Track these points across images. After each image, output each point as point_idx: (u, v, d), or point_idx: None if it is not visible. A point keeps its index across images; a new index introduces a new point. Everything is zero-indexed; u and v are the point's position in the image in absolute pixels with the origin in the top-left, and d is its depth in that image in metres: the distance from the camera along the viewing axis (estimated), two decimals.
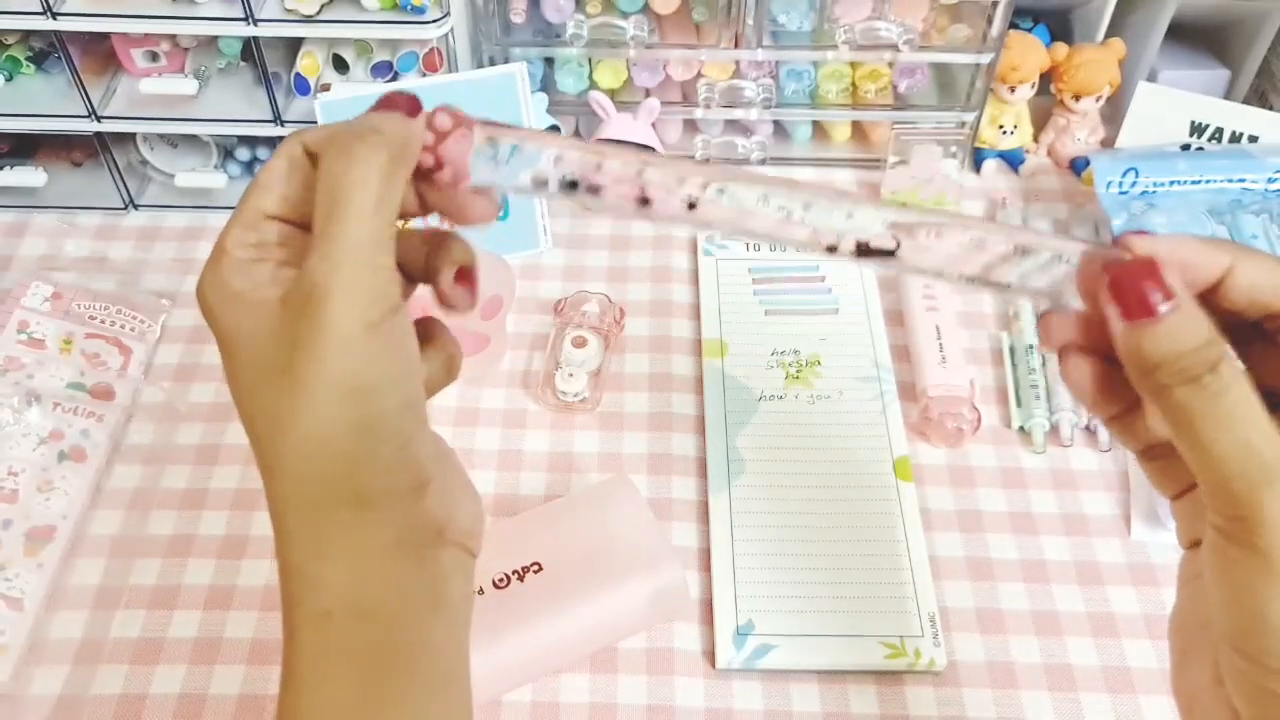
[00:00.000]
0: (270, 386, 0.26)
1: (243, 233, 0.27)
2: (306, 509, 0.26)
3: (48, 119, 0.60)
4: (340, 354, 0.25)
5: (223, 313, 0.27)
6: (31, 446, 0.51)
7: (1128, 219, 0.59)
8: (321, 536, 0.26)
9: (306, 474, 0.26)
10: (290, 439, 0.25)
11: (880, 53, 0.62)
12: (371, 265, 0.25)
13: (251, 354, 0.26)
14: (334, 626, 0.26)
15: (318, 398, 0.25)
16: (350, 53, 0.60)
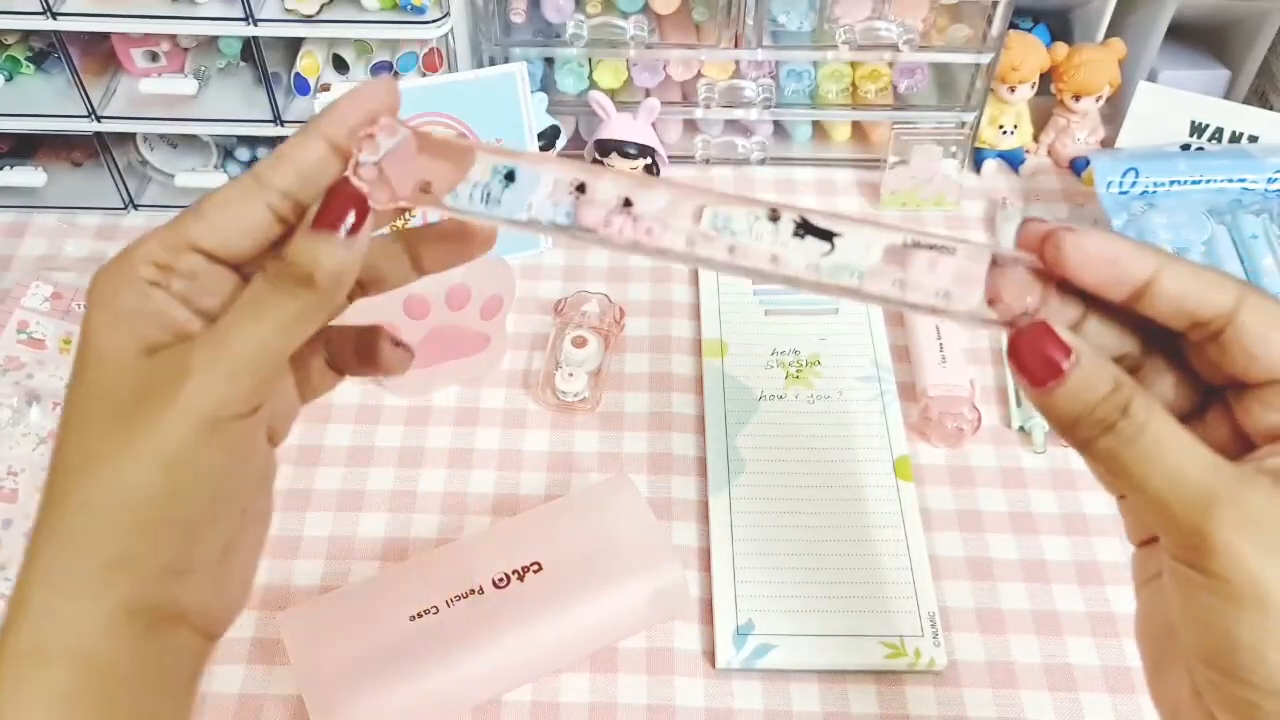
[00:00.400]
0: (102, 421, 0.25)
1: (159, 250, 0.26)
2: (66, 546, 0.25)
3: (48, 119, 0.60)
4: (174, 437, 0.25)
5: (99, 319, 0.26)
6: (31, 446, 0.51)
7: (1128, 219, 0.59)
8: (65, 575, 0.25)
9: (85, 515, 0.25)
10: (93, 477, 0.25)
11: (880, 53, 0.62)
12: (248, 376, 0.25)
13: (103, 378, 0.25)
14: (49, 669, 0.25)
15: (138, 461, 0.25)
16: (350, 53, 0.60)
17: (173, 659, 0.27)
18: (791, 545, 0.49)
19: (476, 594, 0.43)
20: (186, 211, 0.26)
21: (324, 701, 0.41)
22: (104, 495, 0.25)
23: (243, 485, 0.27)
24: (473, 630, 0.42)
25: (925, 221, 0.65)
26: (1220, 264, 0.57)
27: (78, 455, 0.25)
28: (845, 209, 0.65)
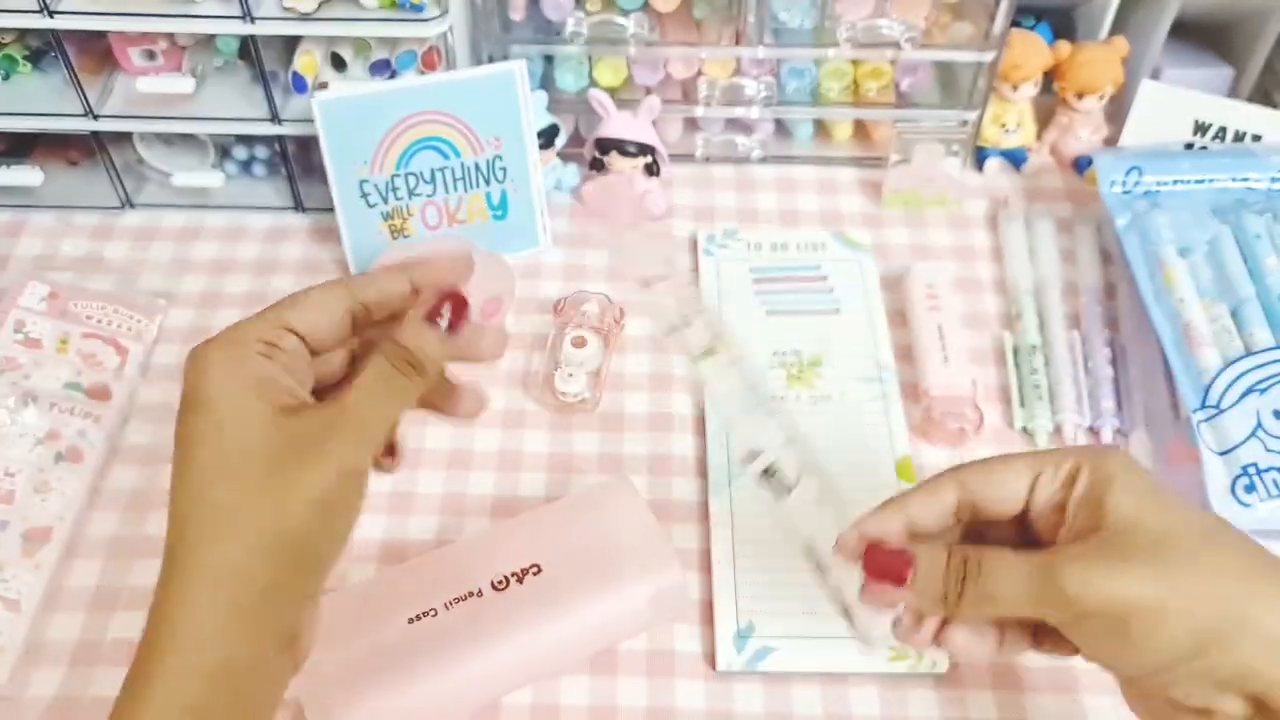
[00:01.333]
0: (255, 471, 0.30)
1: (267, 330, 0.33)
2: (229, 578, 0.30)
3: (44, 118, 0.60)
4: (324, 485, 0.30)
5: (229, 386, 0.31)
6: (28, 447, 0.51)
7: (1131, 218, 0.59)
8: (229, 602, 0.30)
9: (245, 550, 0.30)
10: (251, 518, 0.30)
11: (882, 51, 0.62)
12: (376, 439, 0.32)
13: (246, 435, 0.30)
14: (188, 680, 0.29)
15: (296, 504, 0.30)
16: (348, 51, 0.59)
17: (283, 677, 0.32)
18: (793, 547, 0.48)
19: (476, 596, 0.43)
20: (284, 302, 0.34)
21: (322, 705, 0.40)
22: (262, 533, 0.30)
23: (354, 524, 0.32)
24: (472, 633, 0.42)
25: (927, 220, 0.64)
26: (1224, 263, 0.57)
27: (230, 499, 0.30)
28: (847, 208, 0.65)
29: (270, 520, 0.30)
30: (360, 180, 0.58)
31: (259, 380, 0.31)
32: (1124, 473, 0.32)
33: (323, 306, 0.33)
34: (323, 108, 0.56)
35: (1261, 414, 0.50)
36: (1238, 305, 0.55)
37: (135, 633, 0.46)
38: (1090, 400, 0.54)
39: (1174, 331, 0.53)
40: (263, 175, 0.65)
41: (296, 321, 0.33)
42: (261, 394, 0.31)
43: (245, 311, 0.58)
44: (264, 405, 0.31)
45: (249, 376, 0.31)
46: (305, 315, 0.33)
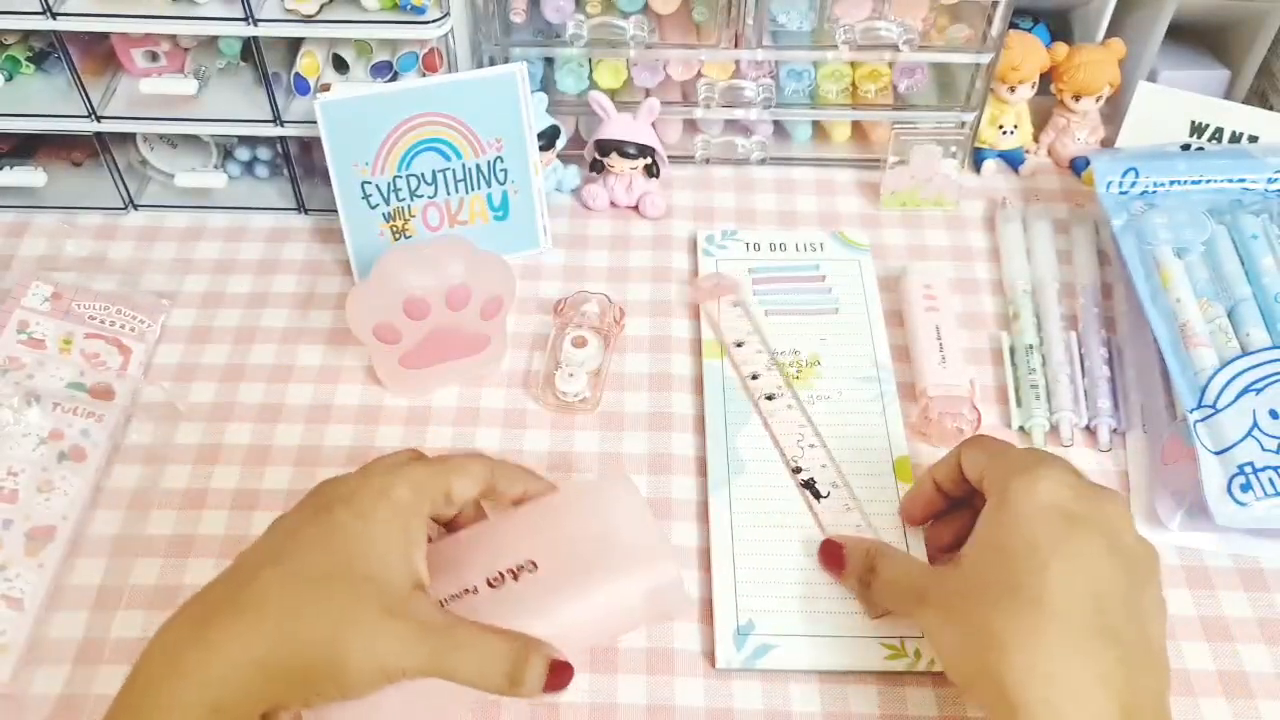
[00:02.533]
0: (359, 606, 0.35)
1: (442, 488, 0.40)
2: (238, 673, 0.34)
3: (47, 119, 0.60)
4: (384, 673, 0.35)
5: (403, 528, 0.38)
6: (31, 446, 0.51)
7: (1128, 219, 0.59)
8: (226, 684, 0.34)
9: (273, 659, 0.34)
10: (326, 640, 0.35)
11: (880, 52, 0.62)
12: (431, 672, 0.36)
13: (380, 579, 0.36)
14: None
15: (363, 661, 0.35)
16: (350, 53, 0.60)
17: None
18: (792, 545, 0.49)
19: (471, 594, 0.42)
20: (453, 466, 0.41)
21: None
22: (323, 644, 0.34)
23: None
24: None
25: (925, 221, 0.65)
26: (1220, 264, 0.57)
27: (320, 592, 0.35)
28: (845, 209, 0.65)
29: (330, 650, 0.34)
30: (362, 181, 0.58)
31: (414, 543, 0.37)
32: (998, 511, 0.40)
33: (476, 481, 0.41)
34: (325, 109, 0.56)
35: (1257, 413, 0.50)
36: (1234, 305, 0.55)
37: (138, 631, 0.47)
38: (1087, 400, 0.55)
39: (1170, 331, 0.54)
40: (265, 176, 0.65)
41: (456, 489, 0.40)
42: (410, 558, 0.37)
43: (247, 312, 0.60)
44: (408, 575, 0.37)
45: (411, 533, 0.37)
46: (463, 485, 0.40)
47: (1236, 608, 0.48)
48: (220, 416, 0.55)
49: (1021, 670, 0.35)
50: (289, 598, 0.34)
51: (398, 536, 0.36)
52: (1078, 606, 0.37)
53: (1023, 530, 0.39)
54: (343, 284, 0.61)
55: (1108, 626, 0.37)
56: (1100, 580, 0.38)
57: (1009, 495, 0.40)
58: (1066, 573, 0.37)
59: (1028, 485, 0.40)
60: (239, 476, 0.52)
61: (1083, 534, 0.39)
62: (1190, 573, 0.49)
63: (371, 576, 0.35)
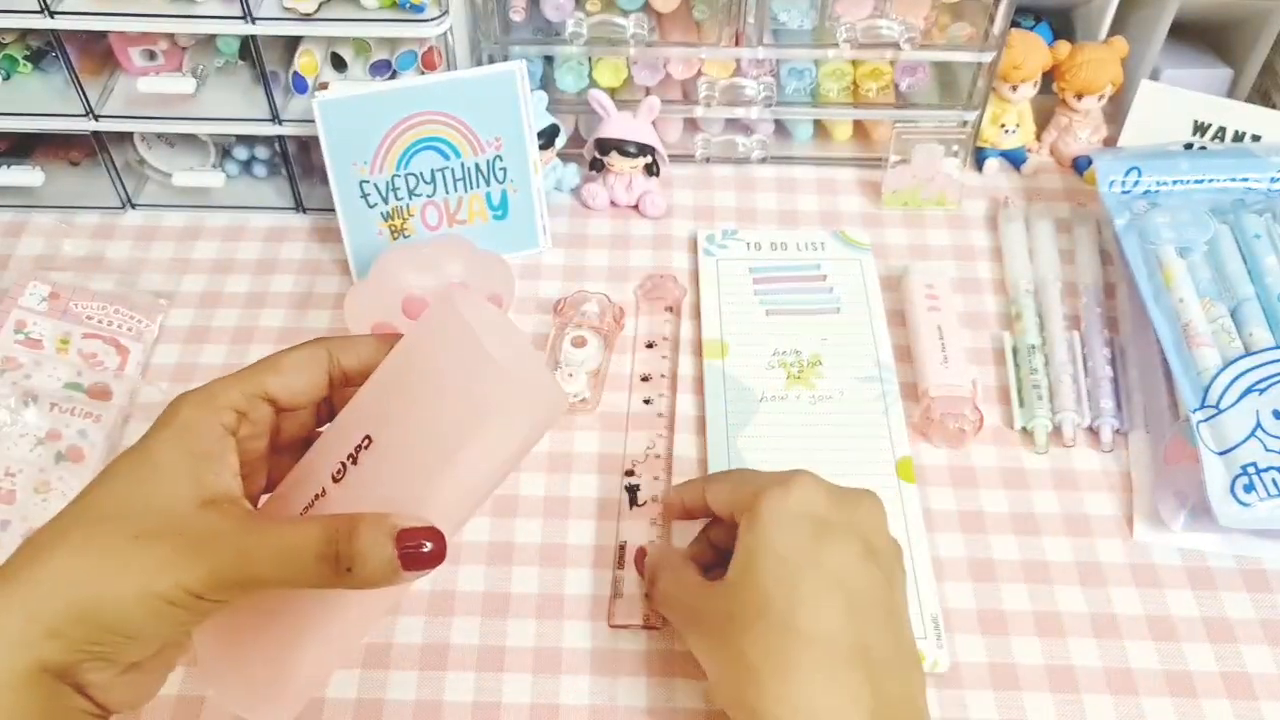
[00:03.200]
0: (125, 527, 0.30)
1: (242, 400, 0.33)
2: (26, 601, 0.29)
3: (45, 118, 0.60)
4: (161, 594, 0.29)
5: (179, 446, 0.31)
6: (29, 447, 0.51)
7: (1130, 218, 0.59)
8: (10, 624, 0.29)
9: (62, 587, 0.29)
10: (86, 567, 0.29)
11: (882, 51, 0.62)
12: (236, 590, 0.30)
13: (154, 496, 0.31)
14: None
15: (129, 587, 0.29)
16: (348, 51, 0.60)
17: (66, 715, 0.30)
18: None
19: (320, 497, 0.35)
20: (264, 365, 0.33)
21: (238, 697, 0.35)
22: (85, 583, 0.29)
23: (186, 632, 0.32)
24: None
25: (927, 221, 0.64)
26: (1223, 263, 0.57)
27: (83, 533, 0.30)
28: (846, 208, 0.65)
29: (98, 582, 0.29)
30: (360, 180, 0.58)
31: (203, 457, 0.31)
32: (749, 529, 0.40)
33: (302, 371, 0.34)
34: (323, 108, 0.56)
35: (1261, 414, 0.50)
36: (1237, 305, 0.55)
37: None
38: (1090, 400, 0.54)
39: (1173, 331, 0.54)
40: (263, 175, 0.65)
41: (275, 388, 0.33)
42: (196, 478, 0.31)
43: (245, 311, 0.60)
44: (191, 489, 0.31)
45: (199, 452, 0.31)
46: (285, 380, 0.34)
47: (1239, 609, 0.48)
48: None
49: (773, 701, 0.36)
50: (51, 548, 0.30)
51: (175, 457, 0.31)
52: (828, 625, 0.37)
53: (775, 544, 0.39)
54: (341, 284, 0.61)
55: (858, 644, 0.37)
56: (854, 589, 0.38)
57: (759, 511, 0.39)
58: (818, 588, 0.37)
59: (779, 498, 0.40)
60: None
61: (835, 541, 0.39)
62: (1193, 574, 0.49)
63: (140, 508, 0.31)
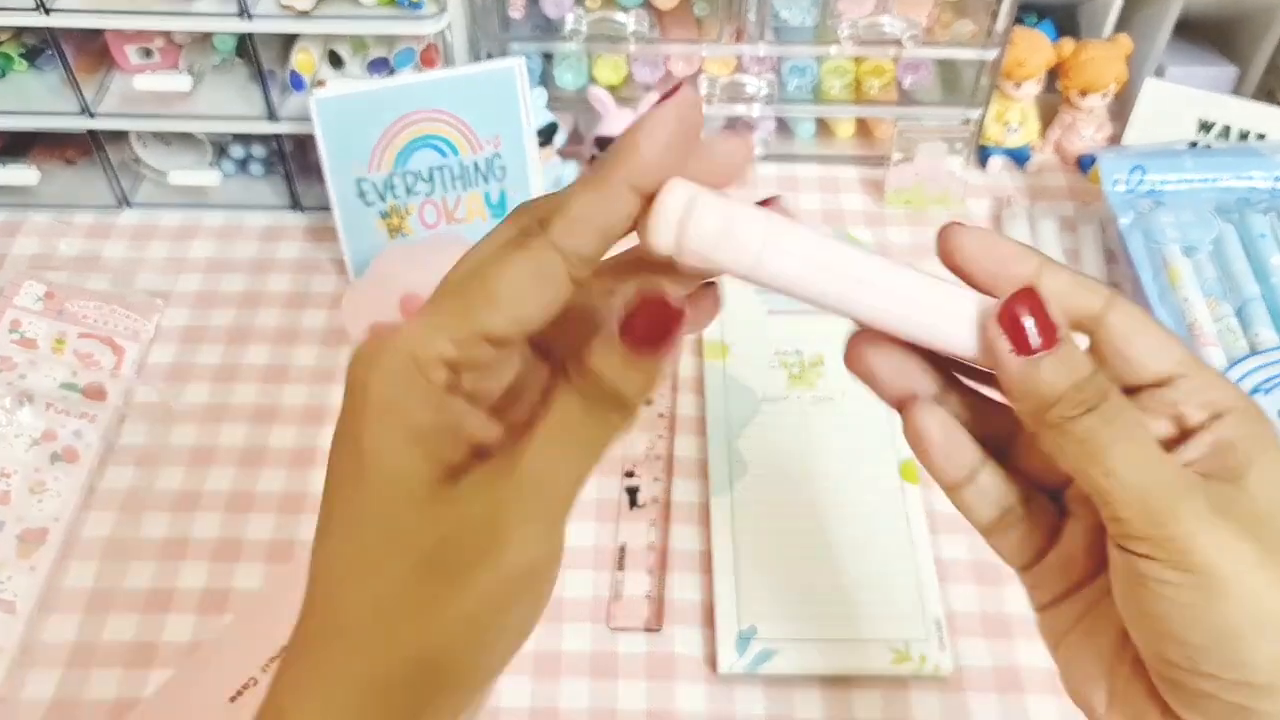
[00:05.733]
0: (399, 567, 0.22)
1: (452, 348, 0.22)
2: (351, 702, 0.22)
3: (41, 116, 0.60)
4: (487, 600, 0.22)
5: (386, 433, 0.22)
6: (24, 447, 0.51)
7: (1135, 217, 0.59)
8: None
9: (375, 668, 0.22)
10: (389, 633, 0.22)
11: (884, 48, 0.61)
12: (565, 520, 0.23)
13: (396, 510, 0.22)
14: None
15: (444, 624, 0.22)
16: (346, 49, 0.59)
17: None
18: (795, 549, 0.48)
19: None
20: (476, 293, 0.22)
21: None
22: (394, 650, 0.22)
23: (528, 631, 0.24)
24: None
25: (930, 219, 0.64)
26: (1228, 262, 0.56)
27: (365, 599, 0.22)
28: (849, 207, 0.65)
29: (410, 637, 0.22)
30: (358, 179, 0.57)
31: (424, 432, 0.22)
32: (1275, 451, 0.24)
33: (528, 293, 0.22)
34: (320, 106, 0.56)
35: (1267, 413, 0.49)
36: (1242, 304, 0.54)
37: (131, 634, 0.46)
38: None
39: (1178, 331, 0.53)
40: (260, 174, 0.65)
41: (497, 324, 0.22)
42: (426, 451, 0.22)
43: (241, 312, 0.59)
44: (424, 468, 0.22)
45: (413, 427, 0.22)
46: (508, 313, 0.22)
47: None
48: (214, 417, 0.54)
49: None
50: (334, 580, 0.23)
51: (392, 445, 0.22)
52: None
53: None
54: (338, 283, 0.60)
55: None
56: None
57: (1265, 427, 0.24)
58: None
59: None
60: (233, 478, 0.51)
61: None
62: None
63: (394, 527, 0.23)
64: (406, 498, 0.22)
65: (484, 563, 0.22)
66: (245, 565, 0.48)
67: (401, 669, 0.22)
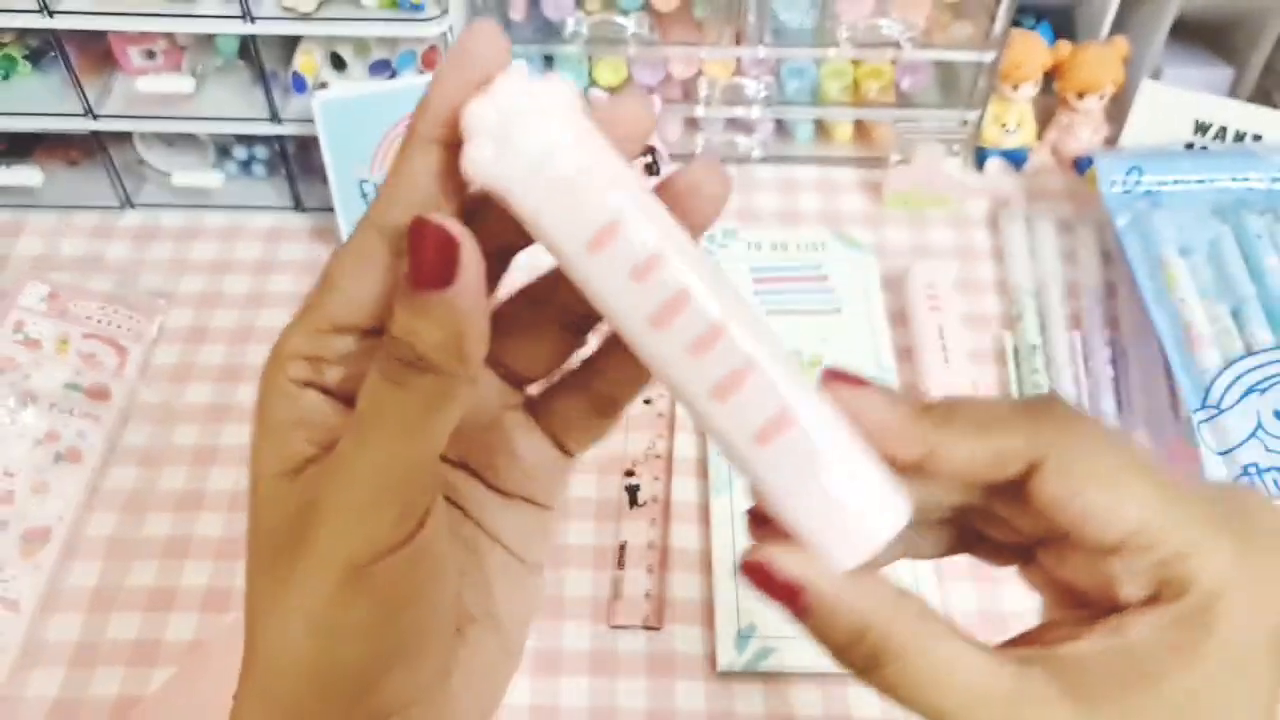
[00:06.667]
0: (259, 563, 0.22)
1: (304, 342, 0.21)
2: (249, 696, 0.22)
3: (44, 118, 0.60)
4: (314, 595, 0.21)
5: (254, 437, 0.22)
6: (27, 448, 0.51)
7: (1132, 218, 0.59)
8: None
9: (258, 666, 0.22)
10: (259, 628, 0.22)
11: (882, 50, 0.62)
12: (388, 504, 0.20)
13: (255, 509, 0.22)
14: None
15: (286, 620, 0.21)
16: (348, 51, 0.59)
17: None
18: None
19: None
20: (319, 286, 0.22)
21: None
22: (270, 649, 0.21)
23: (428, 618, 0.22)
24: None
25: (928, 221, 0.64)
26: (1224, 263, 0.57)
27: (250, 596, 0.22)
28: (847, 208, 0.65)
29: (272, 636, 0.21)
30: (360, 180, 0.58)
31: (277, 428, 0.22)
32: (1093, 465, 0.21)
33: (357, 273, 0.21)
34: (322, 108, 0.56)
35: (1262, 414, 0.49)
36: (1238, 305, 0.55)
37: (133, 633, 0.47)
38: (1090, 400, 0.54)
39: (1174, 331, 0.53)
40: (262, 175, 0.65)
41: (338, 311, 0.21)
42: (275, 448, 0.22)
43: (244, 313, 0.59)
44: (273, 465, 0.22)
45: (269, 424, 0.22)
46: (344, 296, 0.21)
47: None
48: (217, 417, 0.54)
49: None
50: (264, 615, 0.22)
51: (258, 443, 0.22)
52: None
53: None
54: None
55: None
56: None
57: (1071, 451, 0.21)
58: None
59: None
60: (236, 478, 0.52)
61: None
62: None
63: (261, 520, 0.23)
64: (260, 495, 0.22)
65: (300, 555, 0.21)
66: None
67: (275, 666, 0.21)
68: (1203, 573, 0.20)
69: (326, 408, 0.22)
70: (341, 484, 0.20)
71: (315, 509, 0.20)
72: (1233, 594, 0.20)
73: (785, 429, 0.19)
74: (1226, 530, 0.21)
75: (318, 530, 0.20)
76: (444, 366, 0.20)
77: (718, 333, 0.19)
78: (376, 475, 0.20)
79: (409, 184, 0.21)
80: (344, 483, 0.20)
